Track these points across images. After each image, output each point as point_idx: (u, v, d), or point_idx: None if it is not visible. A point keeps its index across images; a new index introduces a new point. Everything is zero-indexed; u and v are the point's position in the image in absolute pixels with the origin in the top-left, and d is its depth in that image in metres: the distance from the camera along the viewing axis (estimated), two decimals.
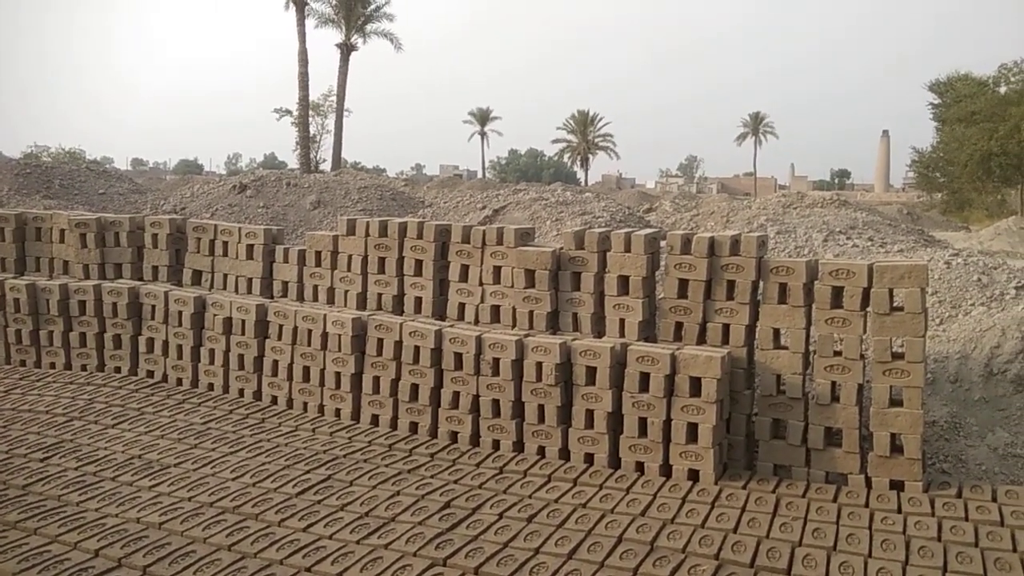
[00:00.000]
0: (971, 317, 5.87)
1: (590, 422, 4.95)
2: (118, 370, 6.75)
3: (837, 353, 4.70)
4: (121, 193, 15.08)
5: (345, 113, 39.16)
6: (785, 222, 8.99)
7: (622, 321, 5.29)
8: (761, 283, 4.99)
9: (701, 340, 5.08)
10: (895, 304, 4.61)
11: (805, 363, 4.87)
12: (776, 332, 4.92)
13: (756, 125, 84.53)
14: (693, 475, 4.69)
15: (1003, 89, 39.94)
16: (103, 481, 4.57)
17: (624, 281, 5.30)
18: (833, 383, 4.70)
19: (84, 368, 6.83)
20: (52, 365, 6.90)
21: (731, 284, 5.01)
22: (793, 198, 11.74)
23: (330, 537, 3.89)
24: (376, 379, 5.66)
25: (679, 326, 5.15)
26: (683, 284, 5.11)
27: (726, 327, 5.03)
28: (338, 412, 5.79)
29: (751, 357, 5.05)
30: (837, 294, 4.74)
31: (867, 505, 4.30)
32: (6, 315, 7.00)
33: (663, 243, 5.39)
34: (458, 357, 5.34)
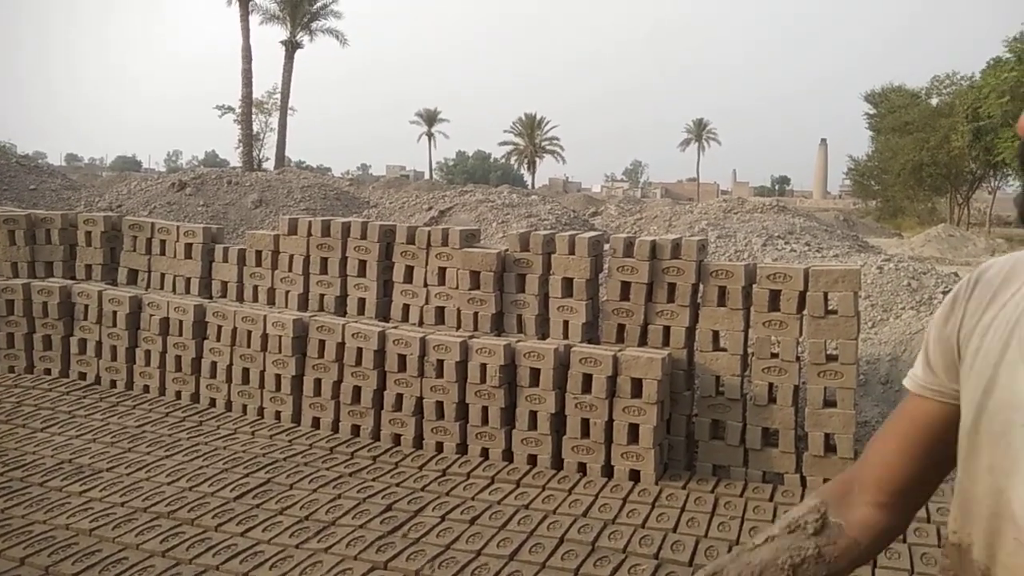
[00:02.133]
0: (902, 320, 6.07)
1: (533, 423, 4.97)
2: (48, 372, 6.52)
3: (774, 355, 4.81)
4: (54, 189, 14.57)
5: (289, 111, 38.64)
6: (726, 227, 9.17)
7: (566, 323, 5.32)
8: (701, 286, 5.08)
9: (643, 342, 5.14)
10: (829, 307, 4.74)
11: (743, 365, 4.97)
12: (715, 334, 5.02)
13: (699, 131, 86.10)
14: (634, 475, 4.74)
15: (935, 101, 41.47)
16: (30, 487, 4.40)
17: (568, 283, 5.34)
18: (770, 384, 4.81)
19: (12, 370, 6.58)
20: None
21: (672, 287, 5.09)
22: (734, 203, 11.98)
23: (269, 541, 3.82)
24: (318, 381, 5.58)
25: (621, 328, 5.20)
26: (625, 286, 5.17)
27: (667, 329, 5.10)
28: (278, 415, 5.69)
29: (691, 359, 5.13)
30: (774, 297, 4.85)
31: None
32: None
33: (607, 246, 5.45)
34: (402, 359, 5.30)
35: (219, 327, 5.94)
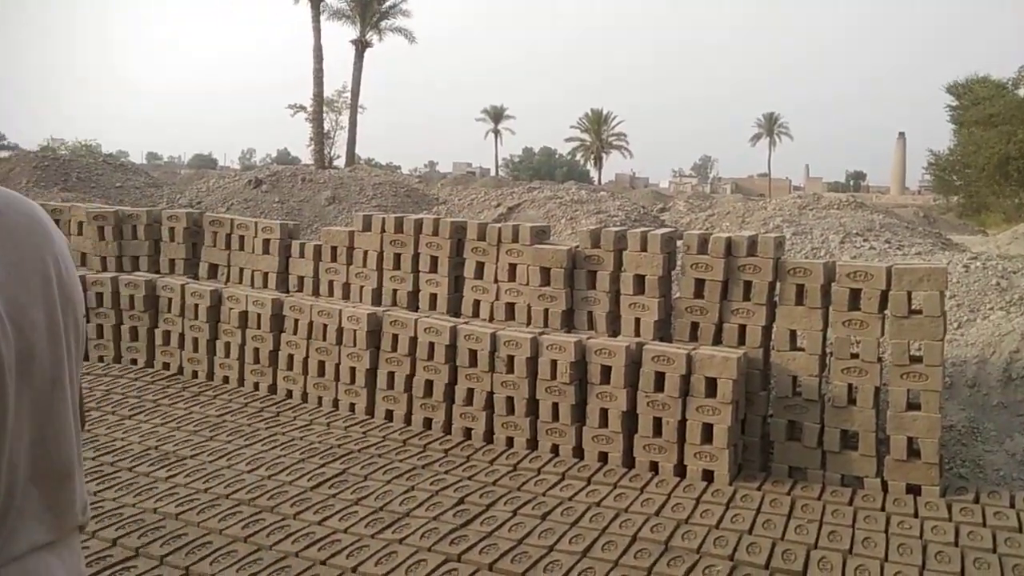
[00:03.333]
0: (990, 321, 5.82)
1: (604, 421, 4.95)
2: (135, 362, 6.80)
3: (854, 356, 4.68)
4: (137, 187, 15.16)
5: (359, 109, 39.24)
6: (801, 223, 8.95)
7: (637, 320, 5.28)
8: (778, 284, 4.97)
9: (717, 340, 5.06)
10: (913, 307, 4.58)
11: (821, 365, 4.85)
12: (793, 333, 4.91)
13: (771, 126, 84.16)
14: (707, 476, 4.68)
15: (1022, 91, 39.60)
16: (120, 471, 4.60)
17: (640, 280, 5.29)
18: (850, 385, 4.68)
19: (101, 359, 6.88)
20: None
21: (748, 285, 5.00)
22: (809, 199, 11.68)
23: (345, 531, 3.91)
24: (391, 374, 5.68)
25: (695, 326, 5.14)
26: (700, 284, 5.10)
27: (742, 328, 5.01)
28: (352, 407, 5.81)
29: (767, 358, 5.03)
30: (855, 296, 4.71)
31: (883, 509, 4.28)
32: None
33: (679, 243, 5.38)
34: (473, 354, 5.34)
35: (296, 320, 6.10)
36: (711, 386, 4.68)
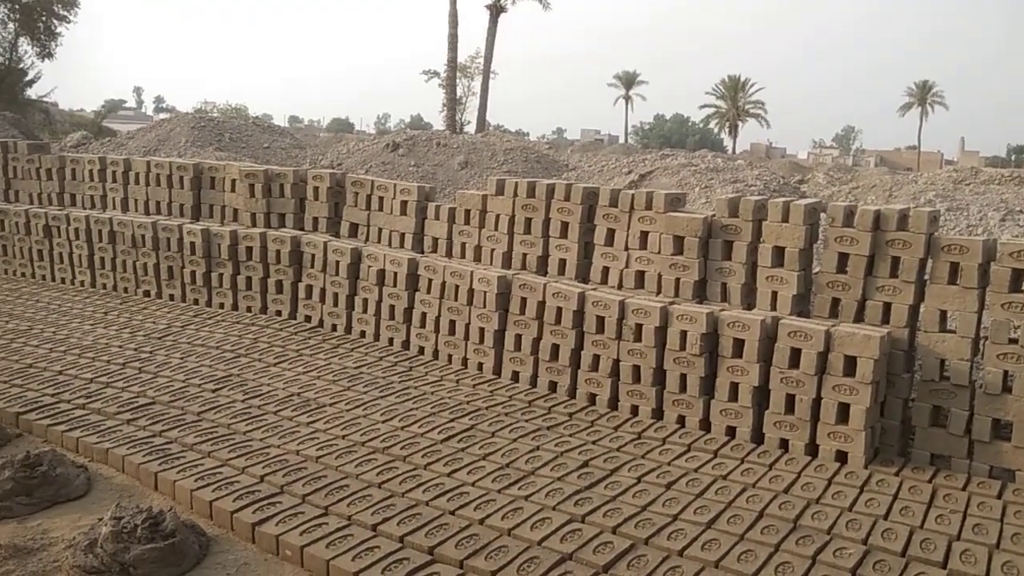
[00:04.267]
0: None
1: (734, 395, 4.86)
2: (279, 313, 7.21)
3: (1012, 341, 4.37)
4: (283, 148, 15.94)
5: (492, 75, 39.47)
6: (956, 199, 8.36)
7: (774, 294, 5.12)
8: (929, 262, 4.69)
9: (859, 318, 4.85)
10: None
11: (974, 349, 4.56)
12: (943, 314, 4.63)
13: (923, 94, 78.50)
14: (841, 457, 4.52)
15: None
16: (266, 414, 4.92)
17: (779, 252, 5.12)
18: (1005, 372, 4.38)
19: (249, 309, 7.33)
20: (221, 305, 7.45)
21: (896, 261, 4.74)
22: (966, 173, 10.89)
23: (473, 484, 4.03)
24: (518, 336, 5.77)
25: (835, 302, 4.93)
26: (843, 258, 4.88)
27: (887, 306, 4.77)
28: (480, 366, 5.96)
29: (912, 339, 4.78)
30: (1017, 277, 4.39)
31: None
32: (183, 257, 7.61)
33: (823, 215, 5.16)
34: (600, 320, 5.35)
35: (429, 280, 6.28)
36: (850, 365, 4.50)
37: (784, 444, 4.69)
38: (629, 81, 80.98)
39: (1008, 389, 4.38)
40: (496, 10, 39.08)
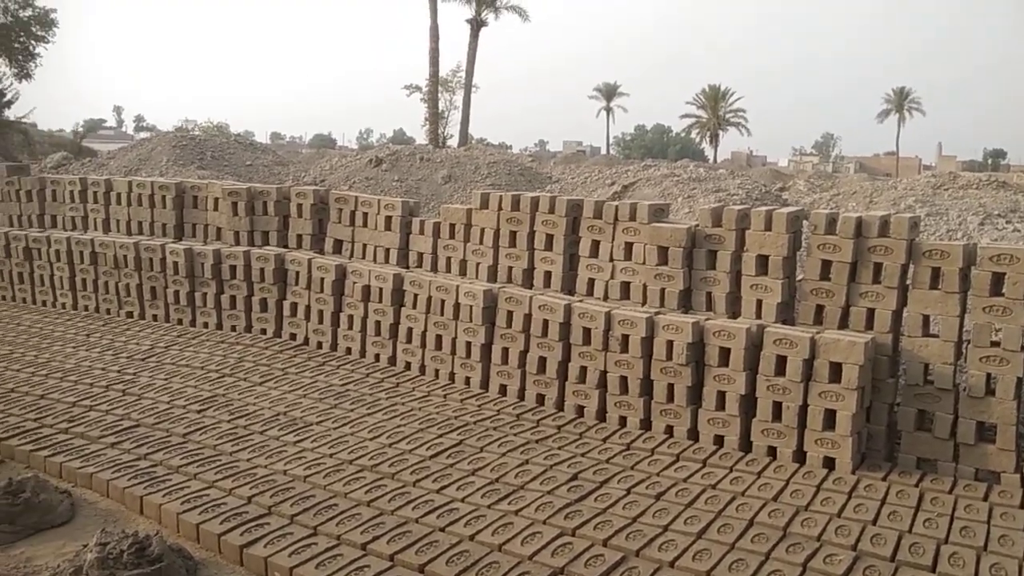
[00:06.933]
0: None
1: (721, 404, 4.87)
2: (264, 331, 7.17)
3: (995, 344, 4.41)
4: (265, 165, 15.90)
5: (473, 88, 39.57)
6: (936, 204, 8.45)
7: (759, 302, 5.15)
8: (911, 267, 4.73)
9: (843, 324, 4.88)
10: None
11: (957, 353, 4.59)
12: (926, 319, 4.67)
13: (900, 101, 79.42)
14: (828, 463, 4.53)
15: None
16: (252, 435, 4.88)
17: (763, 260, 5.15)
18: (988, 375, 4.42)
19: (234, 328, 7.29)
20: (205, 324, 7.40)
21: (878, 267, 4.78)
22: (945, 179, 11.01)
23: (462, 500, 4.02)
24: (505, 350, 5.76)
25: (820, 309, 4.96)
26: (826, 265, 4.92)
27: (871, 312, 4.81)
28: (468, 380, 5.94)
29: (896, 344, 4.81)
30: (997, 281, 4.44)
31: (1022, 507, 4.04)
32: (166, 277, 7.56)
33: (805, 223, 5.20)
34: (587, 332, 5.35)
35: (415, 295, 6.27)
36: (836, 371, 4.52)
37: (772, 452, 4.71)
38: (610, 93, 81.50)
39: (991, 392, 4.42)
40: (477, 24, 39.25)
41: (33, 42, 31.98)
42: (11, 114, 32.37)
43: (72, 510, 4.04)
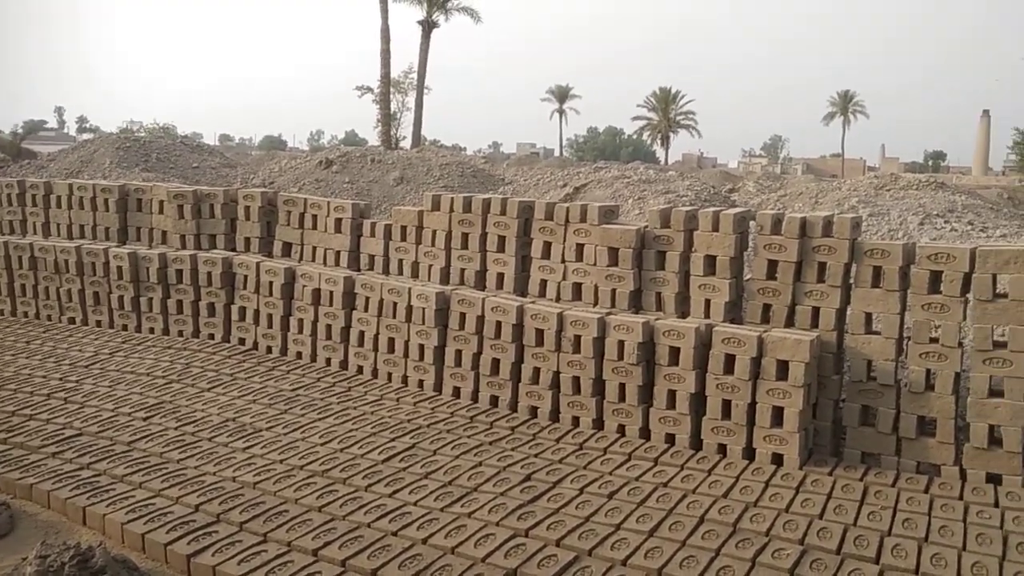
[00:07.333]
0: None
1: (672, 402, 4.93)
2: (212, 336, 7.03)
3: (933, 340, 4.55)
4: (213, 167, 15.60)
5: (425, 90, 39.42)
6: (878, 204, 8.68)
7: (707, 302, 5.22)
8: (854, 266, 4.85)
9: (789, 323, 4.98)
10: (999, 291, 4.42)
11: (898, 349, 4.73)
12: (868, 317, 4.79)
13: (845, 104, 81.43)
14: (777, 459, 4.62)
15: None
16: (201, 441, 4.79)
17: (711, 261, 5.23)
18: (928, 371, 4.55)
19: (181, 334, 7.14)
20: (151, 330, 7.24)
21: (822, 266, 4.89)
22: (886, 180, 11.31)
23: (415, 504, 4.00)
24: (458, 352, 5.75)
25: (767, 308, 5.06)
26: (772, 265, 5.01)
27: (816, 310, 4.91)
28: (421, 383, 5.91)
29: (841, 342, 4.92)
30: (935, 279, 4.57)
31: (961, 498, 4.17)
32: (110, 282, 7.37)
33: (752, 223, 5.29)
34: (539, 333, 5.37)
35: (367, 298, 6.22)
36: (782, 369, 4.61)
37: (722, 449, 4.78)
38: (562, 95, 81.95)
39: (931, 387, 4.55)
40: (428, 25, 39.13)
41: None
42: None
43: (12, 522, 3.92)
